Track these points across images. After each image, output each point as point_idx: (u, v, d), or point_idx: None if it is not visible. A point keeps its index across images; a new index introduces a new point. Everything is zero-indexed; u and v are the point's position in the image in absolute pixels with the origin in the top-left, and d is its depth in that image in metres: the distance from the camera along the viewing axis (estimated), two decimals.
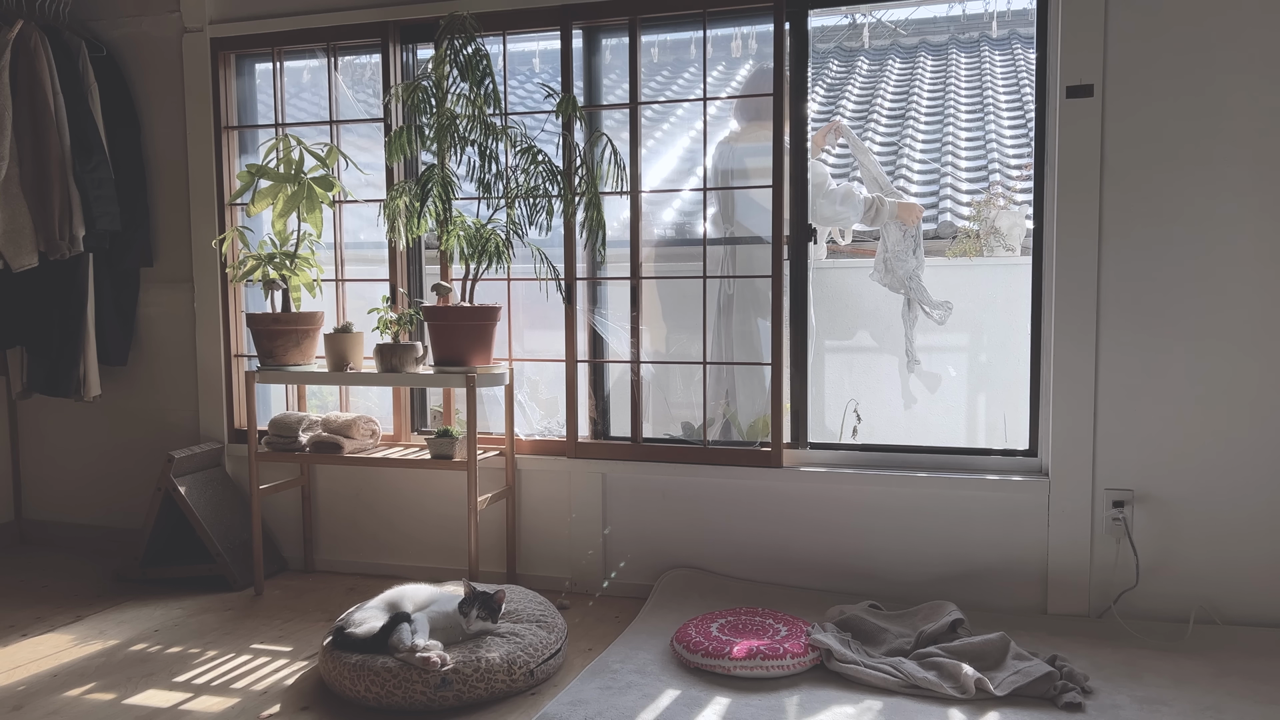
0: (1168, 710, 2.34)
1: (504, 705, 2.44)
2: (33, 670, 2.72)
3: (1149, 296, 2.87)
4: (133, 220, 3.71)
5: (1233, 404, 2.84)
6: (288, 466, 3.60)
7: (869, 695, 2.44)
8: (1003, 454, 3.13)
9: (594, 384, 3.46)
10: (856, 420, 3.93)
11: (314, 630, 3.00)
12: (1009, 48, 5.98)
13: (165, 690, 2.57)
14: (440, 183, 3.09)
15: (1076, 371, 2.93)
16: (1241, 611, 2.85)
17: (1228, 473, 2.85)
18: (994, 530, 3.02)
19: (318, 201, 3.27)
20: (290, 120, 3.66)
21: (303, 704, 2.48)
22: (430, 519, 3.52)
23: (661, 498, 3.30)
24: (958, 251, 4.59)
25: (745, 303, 3.51)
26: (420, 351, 3.25)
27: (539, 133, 3.24)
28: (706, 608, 3.03)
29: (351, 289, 3.68)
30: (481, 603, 2.56)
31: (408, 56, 3.53)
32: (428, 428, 3.61)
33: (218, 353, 3.71)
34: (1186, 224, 2.84)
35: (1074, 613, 2.95)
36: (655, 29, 3.36)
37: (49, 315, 3.63)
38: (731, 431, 3.55)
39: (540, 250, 3.15)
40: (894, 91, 5.90)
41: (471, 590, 2.59)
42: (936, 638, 2.66)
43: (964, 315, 4.00)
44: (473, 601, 2.55)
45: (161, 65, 3.73)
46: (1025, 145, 5.19)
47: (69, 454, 4.00)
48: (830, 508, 3.15)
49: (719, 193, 3.50)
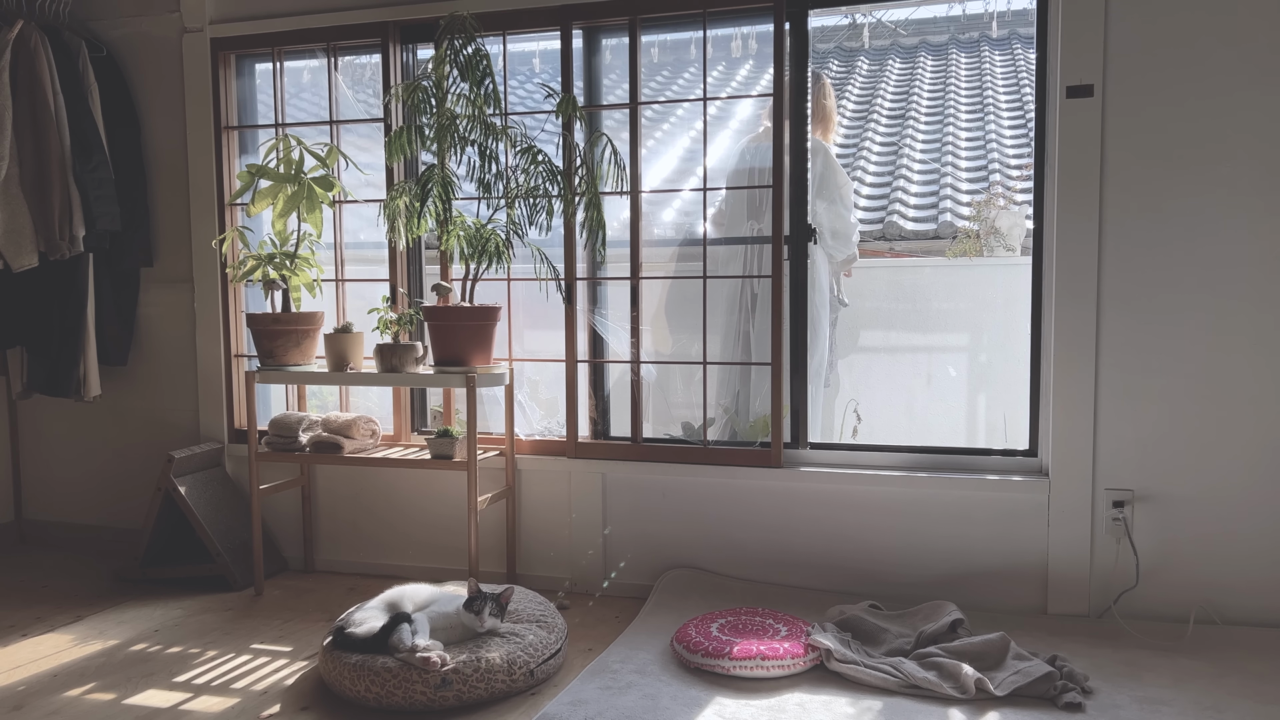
0: (1168, 710, 2.34)
1: (504, 705, 2.44)
2: (33, 670, 2.72)
3: (1149, 296, 2.87)
4: (133, 220, 3.71)
5: (1233, 404, 2.84)
6: (288, 466, 3.60)
7: (869, 695, 2.44)
8: (1003, 454, 3.13)
9: (594, 384, 3.46)
10: (857, 420, 3.93)
11: (314, 630, 3.00)
12: (1009, 48, 5.98)
13: (165, 690, 2.57)
14: (440, 183, 3.09)
15: (1076, 371, 2.93)
16: (1241, 611, 2.85)
17: (1228, 473, 2.85)
18: (994, 530, 3.02)
19: (318, 201, 3.27)
20: (290, 120, 3.66)
21: (303, 704, 2.48)
22: (430, 519, 3.52)
23: (661, 498, 3.30)
24: (958, 251, 4.59)
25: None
26: (420, 351, 3.25)
27: (539, 133, 3.24)
28: (706, 608, 3.03)
29: (351, 289, 3.68)
30: (493, 602, 2.57)
31: (408, 56, 3.53)
32: (428, 428, 3.61)
33: (218, 353, 3.71)
34: (1187, 224, 2.84)
35: (1074, 613, 2.95)
36: (655, 29, 3.36)
37: (49, 315, 3.63)
38: (735, 432, 3.55)
39: (540, 250, 3.15)
40: (894, 91, 5.91)
41: (478, 589, 2.59)
42: (936, 638, 2.66)
43: (964, 315, 4.00)
44: (483, 601, 2.55)
45: (161, 65, 3.73)
46: (1025, 145, 5.19)
47: (69, 454, 4.00)
48: (830, 508, 3.15)
49: (745, 192, 3.48)
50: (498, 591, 2.61)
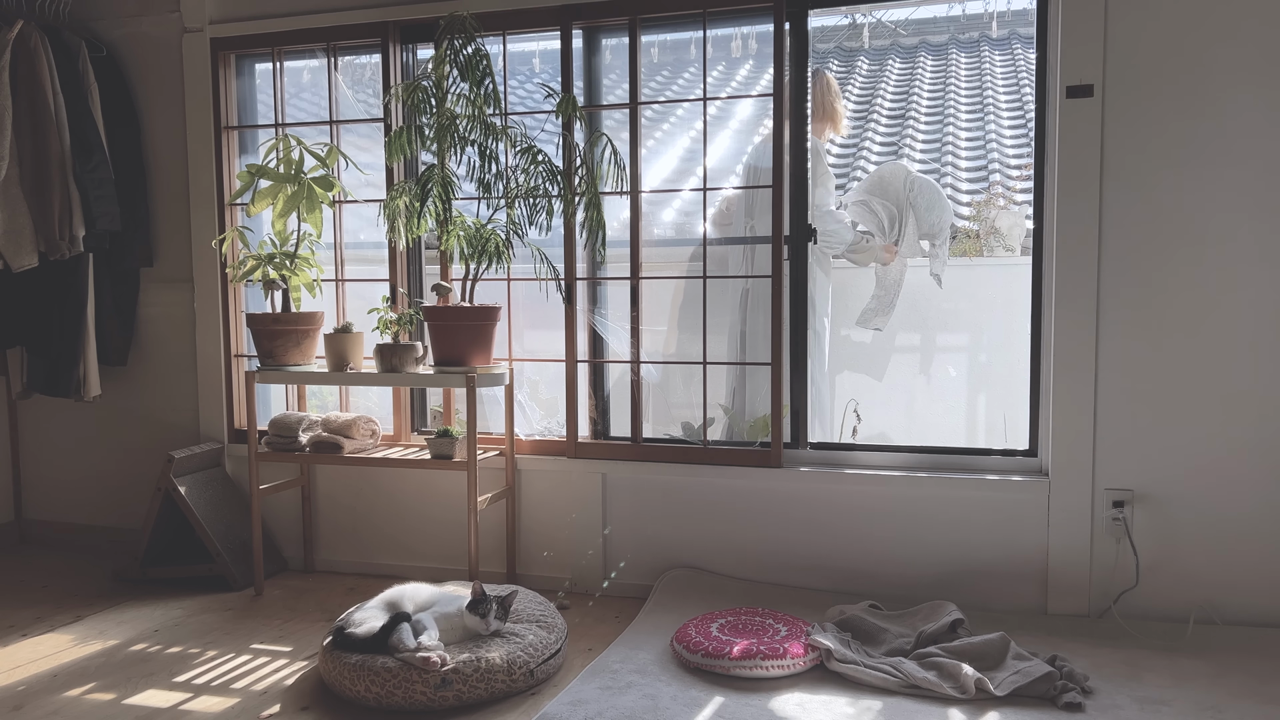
0: (1168, 710, 2.34)
1: (504, 705, 2.45)
2: (33, 670, 2.72)
3: (1149, 296, 2.87)
4: (133, 220, 3.71)
5: (1233, 404, 2.83)
6: (288, 466, 3.60)
7: (869, 695, 2.44)
8: (1003, 454, 3.13)
9: (594, 384, 3.46)
10: (856, 420, 3.93)
11: (314, 630, 3.00)
12: (1009, 48, 5.98)
13: (165, 690, 2.57)
14: (440, 183, 3.09)
15: (1076, 371, 2.92)
16: (1241, 611, 2.85)
17: (1228, 473, 2.85)
18: (994, 530, 3.02)
19: (318, 201, 3.27)
20: (290, 120, 3.66)
21: (303, 704, 2.48)
22: (430, 519, 3.52)
23: (661, 498, 3.30)
24: (958, 251, 4.59)
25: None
26: (420, 351, 3.25)
27: (539, 133, 3.24)
28: (706, 608, 3.03)
29: (351, 289, 3.68)
30: (498, 604, 2.57)
31: (408, 56, 3.53)
32: (428, 428, 3.61)
33: (218, 353, 3.71)
34: (1186, 224, 2.84)
35: (1074, 613, 2.95)
36: (655, 29, 3.36)
37: (49, 315, 3.63)
38: (734, 432, 3.55)
39: (540, 250, 3.15)
40: (894, 91, 5.90)
41: (483, 592, 2.59)
42: (936, 638, 2.66)
43: (964, 315, 4.00)
44: (489, 604, 2.55)
45: (161, 65, 3.73)
46: (1025, 145, 5.18)
47: (69, 454, 4.00)
48: (830, 508, 3.15)
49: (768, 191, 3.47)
50: (503, 594, 2.61)
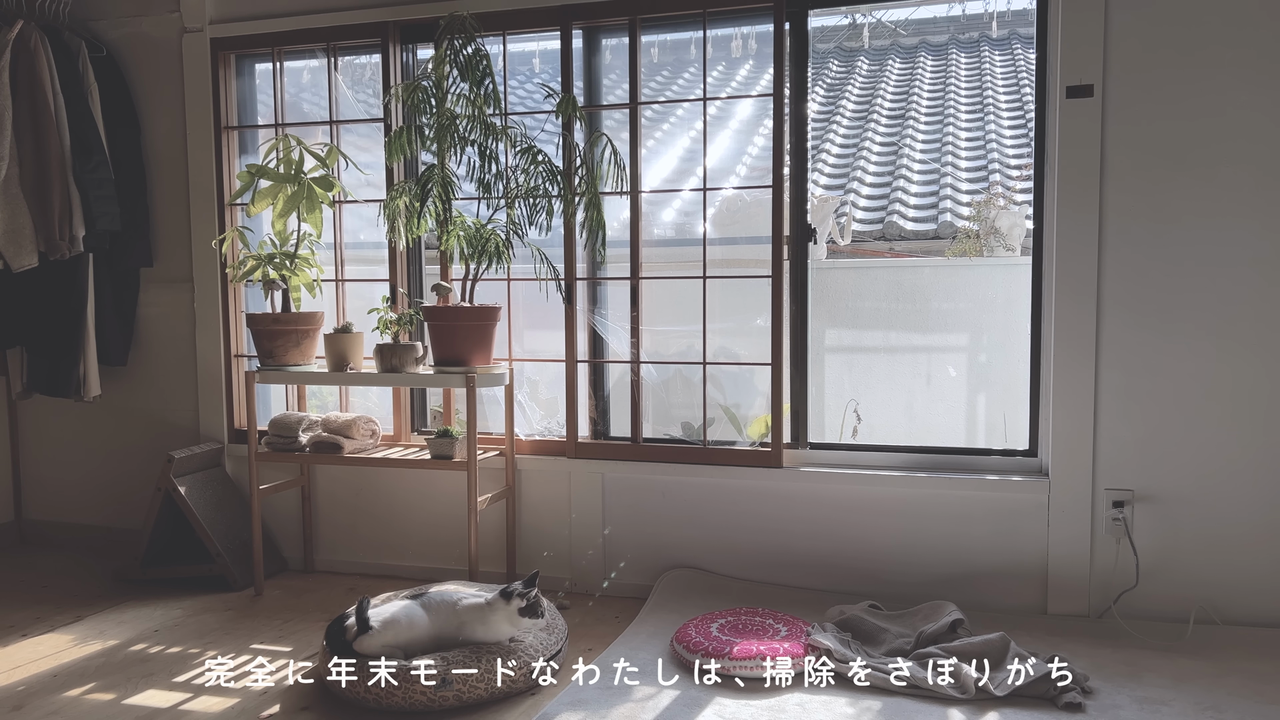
0: (1168, 710, 2.34)
1: (504, 705, 2.45)
2: (33, 670, 2.72)
3: (1149, 296, 2.87)
4: (133, 220, 3.71)
5: (1233, 404, 2.83)
6: (288, 466, 3.60)
7: (869, 695, 2.44)
8: (1003, 454, 3.13)
9: (594, 384, 3.46)
10: (856, 420, 3.93)
11: (314, 630, 3.00)
12: (1009, 48, 5.98)
13: (165, 690, 2.57)
14: (440, 183, 3.09)
15: (1076, 371, 2.92)
16: (1241, 611, 2.85)
17: (1228, 473, 2.85)
18: (994, 530, 3.02)
19: (318, 201, 3.27)
20: (290, 120, 3.66)
21: (303, 704, 2.48)
22: (430, 519, 3.52)
23: (661, 498, 3.30)
24: (958, 251, 4.59)
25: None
26: (420, 351, 3.25)
27: (539, 133, 3.24)
28: (706, 608, 3.03)
29: (351, 289, 3.68)
30: (530, 603, 2.56)
31: (408, 56, 3.53)
32: (428, 428, 3.61)
33: (218, 353, 3.71)
34: (1186, 223, 2.84)
35: (1074, 613, 2.95)
36: (655, 29, 3.36)
37: (49, 315, 3.63)
38: (733, 432, 3.55)
39: (540, 250, 3.15)
40: (894, 91, 5.90)
41: (536, 596, 2.57)
42: (936, 638, 2.65)
43: (964, 315, 4.00)
44: (526, 594, 2.54)
45: (161, 65, 3.73)
46: (1025, 145, 5.18)
47: (69, 454, 4.00)
48: (830, 508, 3.15)
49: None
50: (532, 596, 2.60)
